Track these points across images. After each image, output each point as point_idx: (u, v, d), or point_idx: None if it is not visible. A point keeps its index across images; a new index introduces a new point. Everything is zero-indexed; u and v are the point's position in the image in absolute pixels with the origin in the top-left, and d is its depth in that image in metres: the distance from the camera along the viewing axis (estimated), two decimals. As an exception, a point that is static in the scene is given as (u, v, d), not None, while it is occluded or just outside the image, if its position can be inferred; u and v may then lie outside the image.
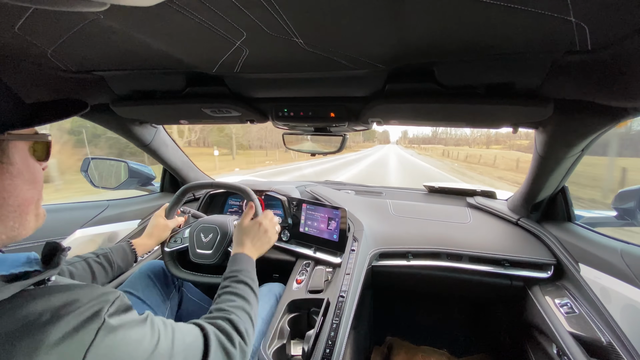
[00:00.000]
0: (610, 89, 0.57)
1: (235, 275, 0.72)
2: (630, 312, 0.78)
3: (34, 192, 0.45)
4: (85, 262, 0.81)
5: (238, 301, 0.66)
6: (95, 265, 0.82)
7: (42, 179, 0.48)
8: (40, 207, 0.48)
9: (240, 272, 0.73)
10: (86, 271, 0.80)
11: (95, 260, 0.83)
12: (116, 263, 0.86)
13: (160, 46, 0.61)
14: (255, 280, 0.74)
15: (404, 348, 1.48)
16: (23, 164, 0.43)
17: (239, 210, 1.51)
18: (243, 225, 0.87)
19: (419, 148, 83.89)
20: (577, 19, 0.42)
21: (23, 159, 0.44)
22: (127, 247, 0.92)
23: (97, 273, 0.82)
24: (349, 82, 0.79)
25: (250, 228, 0.87)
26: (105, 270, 0.84)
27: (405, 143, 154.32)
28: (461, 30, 0.49)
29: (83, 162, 1.39)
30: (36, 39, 0.57)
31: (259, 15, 0.46)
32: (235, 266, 0.75)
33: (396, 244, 1.21)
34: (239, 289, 0.69)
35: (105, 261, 0.84)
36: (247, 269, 0.75)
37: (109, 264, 0.85)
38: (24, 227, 0.44)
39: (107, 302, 0.40)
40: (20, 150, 0.43)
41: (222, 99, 0.92)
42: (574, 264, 0.99)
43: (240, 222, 0.89)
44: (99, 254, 0.85)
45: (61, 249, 0.43)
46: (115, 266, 0.86)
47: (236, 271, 0.73)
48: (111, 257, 0.85)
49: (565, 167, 0.95)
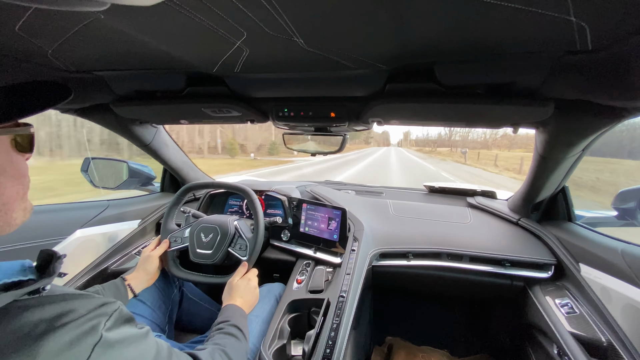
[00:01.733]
0: (610, 89, 0.57)
1: (227, 320, 0.76)
2: (630, 312, 0.78)
3: (19, 187, 0.43)
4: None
5: (231, 339, 0.70)
6: None
7: (27, 172, 0.45)
8: (27, 200, 0.45)
9: (232, 317, 0.77)
10: None
11: None
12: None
13: (161, 46, 0.61)
14: (247, 329, 0.78)
15: (405, 348, 1.48)
16: (5, 160, 0.41)
17: (239, 210, 1.51)
18: (234, 282, 0.92)
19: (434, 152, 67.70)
20: (577, 19, 0.42)
21: (5, 154, 0.41)
22: (120, 282, 0.89)
23: None
24: (350, 81, 0.79)
25: (240, 284, 0.91)
26: None
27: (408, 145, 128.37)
28: (461, 30, 0.49)
29: (83, 162, 1.39)
30: (36, 39, 0.56)
31: (260, 15, 0.46)
32: (228, 313, 0.80)
33: (396, 244, 1.21)
34: (231, 331, 0.73)
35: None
36: (239, 318, 0.79)
37: None
38: (9, 224, 0.42)
39: (105, 315, 0.39)
40: (1, 145, 0.41)
41: (223, 99, 0.92)
42: (575, 264, 0.99)
43: (231, 280, 0.93)
44: (91, 291, 0.81)
45: (56, 257, 0.41)
46: None
47: (229, 317, 0.78)
48: (102, 294, 0.82)
49: (565, 167, 0.95)
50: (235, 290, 0.89)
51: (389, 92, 0.80)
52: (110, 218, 1.30)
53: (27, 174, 0.45)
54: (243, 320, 0.79)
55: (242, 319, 0.79)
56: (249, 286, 0.92)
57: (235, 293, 0.88)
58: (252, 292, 0.92)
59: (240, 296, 0.88)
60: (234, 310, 0.81)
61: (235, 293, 0.88)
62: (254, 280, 0.96)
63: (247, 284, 0.92)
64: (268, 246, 1.30)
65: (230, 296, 0.88)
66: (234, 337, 0.71)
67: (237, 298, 0.87)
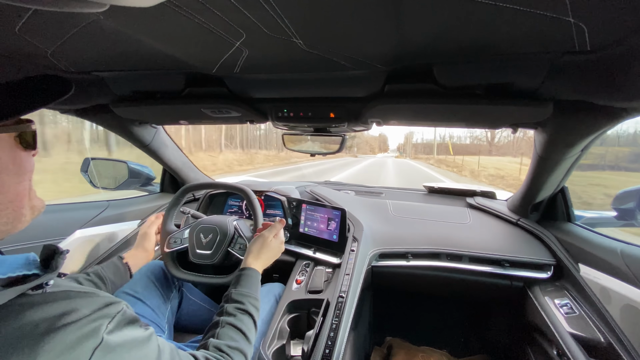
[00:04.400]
0: (609, 89, 0.57)
1: (241, 301, 0.70)
2: (630, 312, 0.78)
3: (25, 184, 0.43)
4: (76, 281, 0.78)
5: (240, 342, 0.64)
6: (87, 284, 0.79)
7: (33, 168, 0.45)
8: (36, 198, 0.46)
9: (248, 297, 0.72)
10: None
11: (86, 278, 0.80)
12: (109, 279, 0.83)
13: (160, 47, 0.61)
14: (259, 306, 0.73)
15: (404, 348, 1.48)
16: (8, 158, 0.41)
17: (239, 211, 1.51)
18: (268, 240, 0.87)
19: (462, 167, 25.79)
20: (575, 19, 0.42)
21: (8, 152, 0.41)
22: (119, 261, 0.89)
23: None
24: (349, 82, 0.79)
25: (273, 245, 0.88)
26: (98, 287, 0.81)
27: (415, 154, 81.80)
28: (460, 30, 0.50)
29: (83, 162, 1.39)
30: (36, 40, 0.57)
31: (259, 15, 0.46)
32: (244, 287, 0.74)
33: (396, 244, 1.21)
34: (243, 322, 0.67)
35: (97, 278, 0.82)
36: (254, 292, 0.74)
37: (101, 281, 0.82)
38: (19, 221, 0.42)
39: (108, 316, 0.38)
40: (3, 144, 0.41)
41: (222, 100, 0.92)
42: (574, 264, 0.99)
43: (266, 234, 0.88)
44: (90, 272, 0.82)
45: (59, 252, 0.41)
46: (108, 282, 0.83)
47: (243, 296, 0.72)
48: (102, 273, 0.83)
49: (564, 167, 0.95)
50: (267, 248, 0.86)
51: (388, 93, 0.80)
52: (110, 218, 1.30)
53: (31, 170, 0.45)
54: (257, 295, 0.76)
55: (256, 292, 0.76)
56: (279, 248, 0.90)
57: (265, 253, 0.85)
58: (278, 254, 0.90)
59: (267, 258, 0.85)
60: (250, 280, 0.77)
61: (265, 253, 0.85)
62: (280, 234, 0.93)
63: (278, 245, 0.89)
64: (268, 246, 1.30)
65: (258, 255, 0.84)
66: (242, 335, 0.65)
67: (264, 259, 0.84)
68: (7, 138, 0.42)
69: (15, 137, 0.43)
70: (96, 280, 0.81)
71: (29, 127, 0.44)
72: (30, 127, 0.45)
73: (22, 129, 0.43)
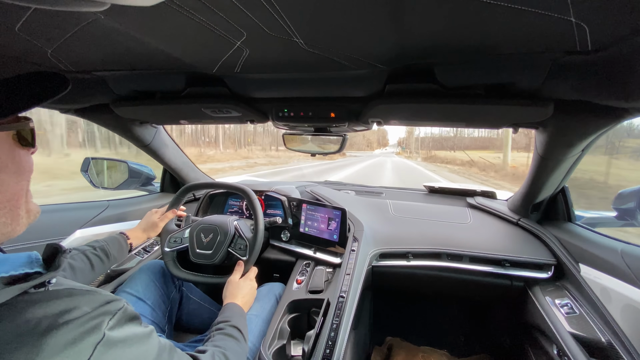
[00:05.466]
0: (610, 89, 0.57)
1: (228, 320, 0.76)
2: (630, 312, 0.78)
3: (23, 183, 0.43)
4: (84, 254, 0.86)
5: (231, 341, 0.70)
6: (93, 257, 0.86)
7: (32, 167, 0.45)
8: (31, 202, 0.45)
9: (233, 318, 0.77)
10: (85, 263, 0.84)
11: (92, 252, 0.87)
12: (112, 254, 0.91)
13: (160, 46, 0.61)
14: (246, 329, 0.78)
15: (404, 348, 1.48)
16: (7, 156, 0.41)
17: (239, 211, 1.51)
18: (235, 281, 0.92)
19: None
20: (577, 19, 0.42)
21: (6, 150, 0.41)
22: (122, 238, 0.97)
23: (95, 264, 0.86)
24: (349, 82, 0.79)
25: (242, 284, 0.92)
26: (103, 262, 0.89)
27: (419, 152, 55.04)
28: (461, 30, 0.49)
29: (83, 162, 1.39)
30: (36, 39, 0.56)
31: (259, 15, 0.46)
32: (229, 313, 0.80)
33: (396, 244, 1.21)
34: (232, 332, 0.73)
35: (102, 253, 0.89)
36: (239, 319, 0.79)
37: (105, 255, 0.89)
38: (17, 223, 0.42)
39: (109, 313, 0.39)
40: (2, 142, 0.41)
41: (223, 99, 0.92)
42: (574, 264, 0.99)
43: (232, 278, 0.93)
44: (96, 246, 0.89)
45: (62, 251, 0.41)
46: (111, 257, 0.91)
47: (230, 317, 0.78)
48: (107, 249, 0.90)
49: (565, 167, 0.95)
50: (236, 288, 0.90)
51: (389, 93, 0.80)
52: (110, 218, 1.30)
53: (30, 169, 0.45)
54: (243, 320, 0.79)
55: (242, 319, 0.79)
56: (249, 285, 0.93)
57: (237, 292, 0.89)
58: (251, 291, 0.93)
59: (242, 295, 0.88)
60: (234, 310, 0.82)
61: (238, 292, 0.89)
62: (254, 280, 0.96)
63: (247, 283, 0.93)
64: (268, 246, 1.30)
65: (232, 294, 0.88)
66: (234, 338, 0.71)
67: (239, 297, 0.87)
68: (5, 136, 0.41)
69: (14, 135, 0.42)
70: (101, 255, 0.88)
71: (27, 124, 0.44)
72: (28, 125, 0.44)
73: (20, 126, 0.43)
